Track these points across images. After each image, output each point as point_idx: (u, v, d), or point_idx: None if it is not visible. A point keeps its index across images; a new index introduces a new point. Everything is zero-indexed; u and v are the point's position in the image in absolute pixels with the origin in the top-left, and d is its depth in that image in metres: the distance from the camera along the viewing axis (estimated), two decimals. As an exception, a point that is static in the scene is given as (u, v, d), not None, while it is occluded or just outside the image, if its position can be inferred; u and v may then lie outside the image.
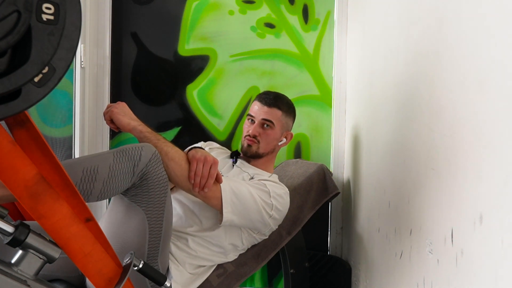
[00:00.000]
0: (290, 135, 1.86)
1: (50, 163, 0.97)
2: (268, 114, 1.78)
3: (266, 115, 1.78)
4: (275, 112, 1.78)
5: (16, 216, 1.38)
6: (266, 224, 1.65)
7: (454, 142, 1.07)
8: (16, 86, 0.79)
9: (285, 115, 1.81)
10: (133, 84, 2.52)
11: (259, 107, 1.79)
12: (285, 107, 1.81)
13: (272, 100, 1.79)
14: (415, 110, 1.36)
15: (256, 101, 1.82)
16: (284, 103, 1.82)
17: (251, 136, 1.79)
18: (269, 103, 1.78)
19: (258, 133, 1.78)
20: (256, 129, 1.78)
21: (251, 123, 1.81)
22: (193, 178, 1.47)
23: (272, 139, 1.80)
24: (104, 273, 1.02)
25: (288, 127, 1.84)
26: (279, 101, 1.80)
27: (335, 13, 2.49)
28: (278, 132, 1.80)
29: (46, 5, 0.80)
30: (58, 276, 1.43)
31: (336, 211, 2.49)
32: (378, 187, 1.77)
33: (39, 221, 0.94)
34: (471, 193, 0.99)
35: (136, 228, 1.39)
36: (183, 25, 2.50)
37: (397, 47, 1.56)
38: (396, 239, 1.49)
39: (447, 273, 1.09)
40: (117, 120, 1.51)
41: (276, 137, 1.81)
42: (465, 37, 1.05)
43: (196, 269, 1.62)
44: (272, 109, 1.78)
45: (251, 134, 1.79)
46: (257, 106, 1.81)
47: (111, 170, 1.30)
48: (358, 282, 2.13)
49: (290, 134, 1.86)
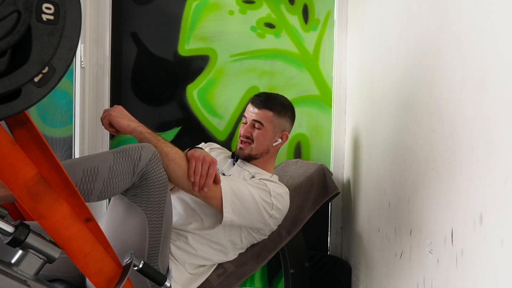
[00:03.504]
0: (286, 135, 1.85)
1: (50, 163, 0.97)
2: (258, 115, 1.80)
3: (256, 116, 1.80)
4: (265, 113, 1.80)
5: (16, 216, 1.38)
6: (266, 223, 1.65)
7: (454, 142, 1.07)
8: (16, 86, 0.79)
9: (277, 115, 1.82)
10: (133, 84, 2.52)
11: (251, 109, 1.83)
12: (277, 107, 1.82)
13: (262, 102, 1.81)
14: (415, 110, 1.36)
15: (249, 103, 1.86)
16: (277, 104, 1.83)
17: (243, 137, 1.82)
18: (259, 105, 1.81)
19: (250, 134, 1.81)
20: (248, 129, 1.81)
21: (244, 125, 1.84)
22: (192, 176, 1.48)
23: (263, 140, 1.80)
24: (104, 273, 1.02)
25: (282, 128, 1.84)
26: (270, 102, 1.82)
27: (335, 13, 2.49)
28: (270, 133, 1.81)
29: (46, 5, 0.80)
30: (58, 276, 1.43)
31: (336, 211, 2.49)
32: (378, 187, 1.77)
33: (39, 221, 0.94)
34: (471, 193, 0.99)
35: (136, 228, 1.39)
36: (183, 25, 2.50)
37: (397, 46, 1.56)
38: (396, 239, 1.49)
39: (447, 273, 1.09)
40: (116, 123, 1.52)
41: (267, 138, 1.81)
42: (465, 37, 1.05)
43: (196, 269, 1.63)
44: (262, 110, 1.80)
45: (242, 134, 1.83)
46: (249, 108, 1.84)
47: (111, 170, 1.30)
48: (358, 282, 2.12)
49: (286, 135, 1.85)
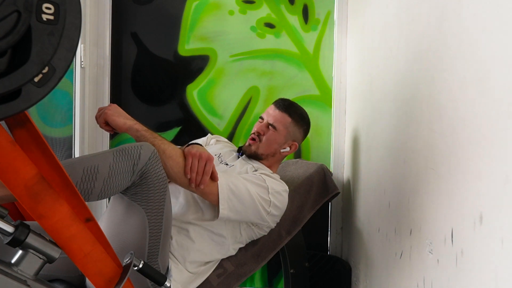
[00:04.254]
0: (295, 145, 1.87)
1: (50, 163, 0.97)
2: (277, 118, 1.82)
3: (275, 118, 1.82)
4: (284, 117, 1.82)
5: (16, 216, 1.38)
6: (263, 220, 1.66)
7: (454, 142, 1.07)
8: (16, 86, 0.79)
9: (294, 124, 1.84)
10: (133, 84, 2.52)
11: (272, 110, 1.85)
12: (296, 116, 1.84)
13: (286, 106, 1.84)
14: (415, 110, 1.36)
15: (272, 105, 1.88)
16: (297, 113, 1.86)
17: (255, 134, 1.84)
18: (282, 107, 1.83)
19: (263, 132, 1.82)
20: (262, 128, 1.83)
21: (259, 123, 1.86)
22: (188, 173, 1.49)
23: (273, 142, 1.82)
24: (104, 273, 1.02)
25: (294, 137, 1.86)
26: (291, 109, 1.84)
27: (335, 13, 2.49)
28: (282, 138, 1.82)
29: (46, 5, 0.80)
30: (58, 276, 1.43)
31: (336, 211, 2.49)
32: (378, 187, 1.77)
33: (39, 221, 0.94)
34: (471, 193, 0.99)
35: (136, 227, 1.39)
36: (183, 25, 2.50)
37: (397, 46, 1.56)
38: (396, 239, 1.49)
39: (447, 273, 1.09)
40: (112, 121, 1.52)
41: (278, 141, 1.82)
42: (465, 37, 1.05)
43: (196, 268, 1.63)
44: (282, 113, 1.82)
45: (255, 131, 1.85)
46: (270, 109, 1.86)
47: (111, 169, 1.31)
48: (358, 282, 2.12)
49: (295, 145, 1.87)
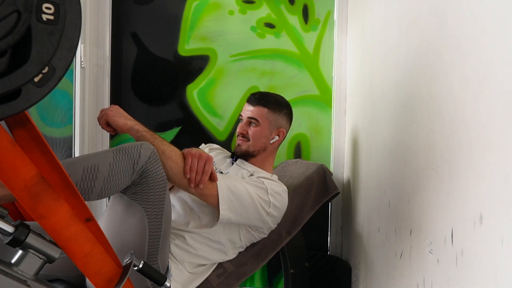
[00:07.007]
0: (282, 132, 1.86)
1: (50, 163, 0.97)
2: (253, 113, 1.83)
3: (251, 113, 1.83)
4: (260, 110, 1.82)
5: (16, 216, 1.38)
6: (264, 221, 1.65)
7: (454, 142, 1.07)
8: (16, 86, 0.79)
9: (272, 112, 1.83)
10: (133, 84, 2.52)
11: (246, 107, 1.86)
12: (272, 104, 1.84)
13: (257, 99, 1.84)
14: (415, 110, 1.36)
15: (245, 103, 1.88)
16: (271, 101, 1.85)
17: (240, 135, 1.85)
18: (254, 102, 1.84)
19: (246, 131, 1.83)
20: (243, 127, 1.84)
21: (241, 123, 1.87)
22: (188, 173, 1.49)
23: (259, 136, 1.82)
24: (104, 273, 1.02)
25: (278, 124, 1.85)
26: (264, 99, 1.84)
27: (335, 13, 2.49)
28: (266, 130, 1.82)
29: (46, 5, 0.80)
30: (58, 276, 1.43)
31: (336, 211, 2.49)
32: (378, 187, 1.77)
33: (39, 221, 0.94)
34: (471, 193, 0.99)
35: (136, 226, 1.40)
36: (183, 25, 2.50)
37: (397, 46, 1.56)
38: (396, 239, 1.49)
39: (447, 273, 1.09)
40: (114, 122, 1.53)
41: (264, 134, 1.82)
42: (465, 37, 1.05)
43: (196, 268, 1.63)
44: (256, 107, 1.83)
45: (238, 132, 1.86)
46: (245, 107, 1.87)
47: (111, 168, 1.31)
48: (358, 282, 2.12)
49: (282, 131, 1.86)
